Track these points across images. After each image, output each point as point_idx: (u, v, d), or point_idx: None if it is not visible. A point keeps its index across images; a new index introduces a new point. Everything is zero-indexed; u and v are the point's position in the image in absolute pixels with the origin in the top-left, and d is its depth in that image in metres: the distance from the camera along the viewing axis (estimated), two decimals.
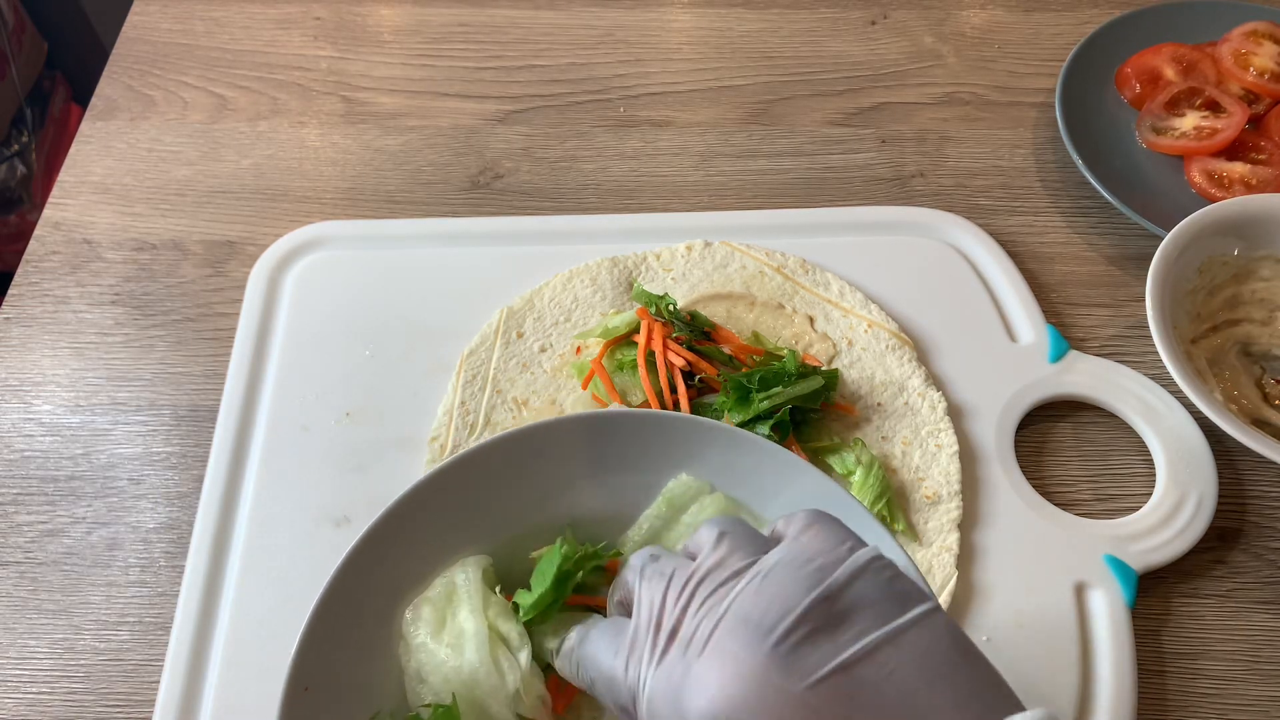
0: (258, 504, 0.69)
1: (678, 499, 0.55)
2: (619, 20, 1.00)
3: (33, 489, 0.72)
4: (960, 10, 1.01)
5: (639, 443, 0.55)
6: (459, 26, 0.99)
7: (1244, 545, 0.69)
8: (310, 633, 0.48)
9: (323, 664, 0.48)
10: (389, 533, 0.51)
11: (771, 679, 0.35)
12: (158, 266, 0.83)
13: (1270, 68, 0.87)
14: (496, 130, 0.92)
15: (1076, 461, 0.72)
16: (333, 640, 0.49)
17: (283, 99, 0.94)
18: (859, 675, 0.35)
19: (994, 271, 0.80)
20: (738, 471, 0.54)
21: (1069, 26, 0.99)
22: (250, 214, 0.86)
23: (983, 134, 0.92)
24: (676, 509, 0.55)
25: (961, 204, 0.86)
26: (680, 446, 0.54)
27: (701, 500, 0.55)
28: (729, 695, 0.35)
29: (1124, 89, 0.90)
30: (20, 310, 0.80)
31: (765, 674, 0.35)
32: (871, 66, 0.97)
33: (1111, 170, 0.84)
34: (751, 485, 0.54)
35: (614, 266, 0.79)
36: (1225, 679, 0.64)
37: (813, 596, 0.37)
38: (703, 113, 0.93)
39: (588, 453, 0.55)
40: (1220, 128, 0.84)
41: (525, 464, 0.54)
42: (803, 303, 0.77)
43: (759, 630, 0.36)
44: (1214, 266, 0.75)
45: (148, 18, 1.00)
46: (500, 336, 0.75)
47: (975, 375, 0.74)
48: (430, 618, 0.50)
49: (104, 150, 0.90)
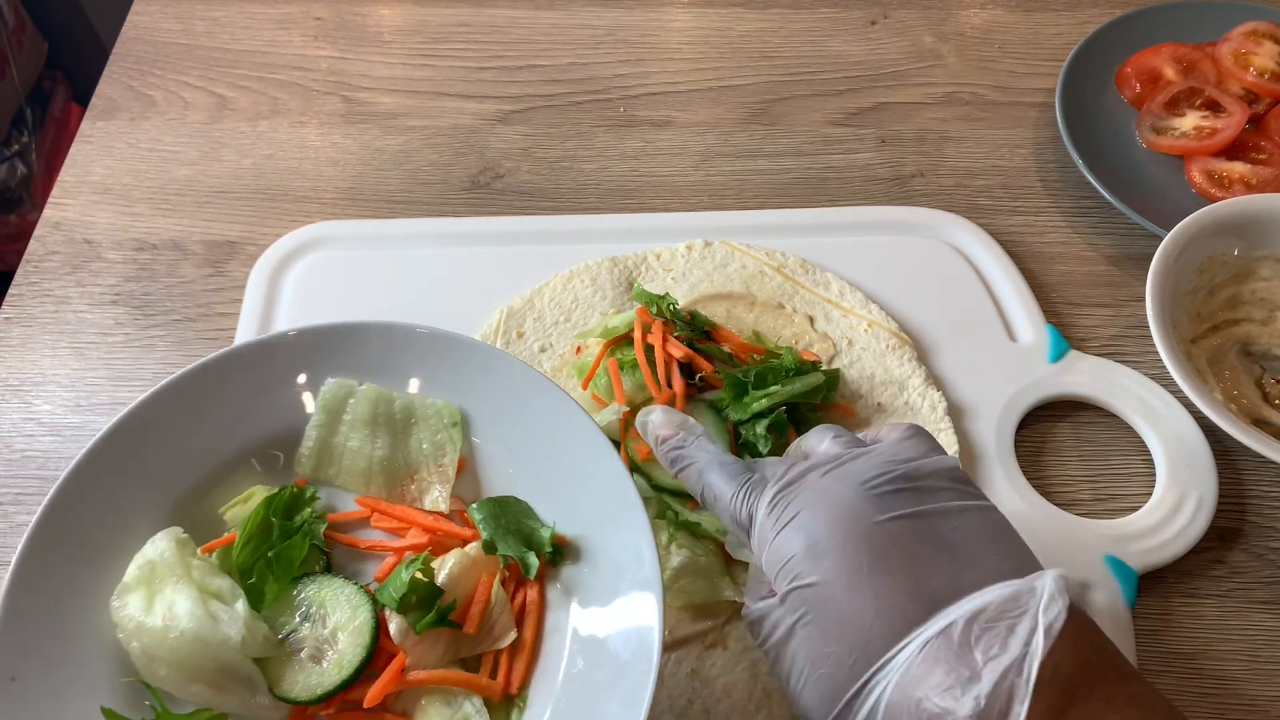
0: None
1: (331, 402, 0.60)
2: (619, 20, 1.00)
3: (33, 489, 0.72)
4: (960, 10, 1.01)
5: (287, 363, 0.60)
6: (459, 26, 0.99)
7: (1244, 545, 0.69)
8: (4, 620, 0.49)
9: (24, 650, 0.49)
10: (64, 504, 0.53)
11: (861, 507, 0.46)
12: (158, 266, 0.83)
13: (1270, 67, 0.87)
14: (497, 130, 0.92)
15: (1076, 461, 0.72)
16: (31, 626, 0.50)
17: (283, 99, 0.94)
18: (931, 522, 0.46)
19: (994, 271, 0.80)
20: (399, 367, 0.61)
21: (1069, 26, 0.99)
22: (250, 214, 0.86)
23: (983, 134, 0.92)
24: (334, 412, 0.60)
25: (961, 204, 0.86)
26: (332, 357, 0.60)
27: (356, 394, 0.60)
28: (829, 517, 0.47)
29: (1124, 89, 0.90)
30: (20, 310, 0.80)
31: (857, 504, 0.47)
32: (871, 66, 0.97)
33: (1111, 170, 0.84)
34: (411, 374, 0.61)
35: (614, 266, 0.79)
36: (1225, 679, 0.64)
37: (904, 469, 0.48)
38: (703, 113, 0.93)
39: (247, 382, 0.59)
40: (1220, 127, 0.84)
41: (191, 410, 0.58)
42: (803, 302, 0.77)
43: (858, 479, 0.48)
44: (1214, 266, 0.75)
45: (148, 18, 1.00)
46: (500, 336, 0.75)
47: (975, 375, 0.74)
48: (139, 599, 0.52)
49: (104, 150, 0.90)
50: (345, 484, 0.60)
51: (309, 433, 0.60)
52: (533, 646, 0.55)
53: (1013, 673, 0.41)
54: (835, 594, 0.45)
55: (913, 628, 0.43)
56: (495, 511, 0.57)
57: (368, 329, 0.60)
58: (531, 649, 0.55)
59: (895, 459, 0.49)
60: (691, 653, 0.62)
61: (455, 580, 0.54)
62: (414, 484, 0.60)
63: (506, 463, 0.60)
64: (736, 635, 0.63)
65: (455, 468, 0.60)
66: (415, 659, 0.53)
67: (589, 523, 0.56)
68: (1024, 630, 0.42)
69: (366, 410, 0.60)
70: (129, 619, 0.52)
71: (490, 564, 0.56)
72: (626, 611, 0.52)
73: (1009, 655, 0.41)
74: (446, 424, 0.60)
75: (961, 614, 0.43)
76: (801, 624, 0.46)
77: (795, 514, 0.48)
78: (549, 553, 0.56)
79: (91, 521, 0.54)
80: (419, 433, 0.60)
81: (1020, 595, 0.43)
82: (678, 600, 0.63)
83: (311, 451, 0.60)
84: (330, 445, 0.60)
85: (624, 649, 0.51)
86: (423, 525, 0.59)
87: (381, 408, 0.60)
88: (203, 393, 0.58)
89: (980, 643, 0.42)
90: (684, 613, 0.63)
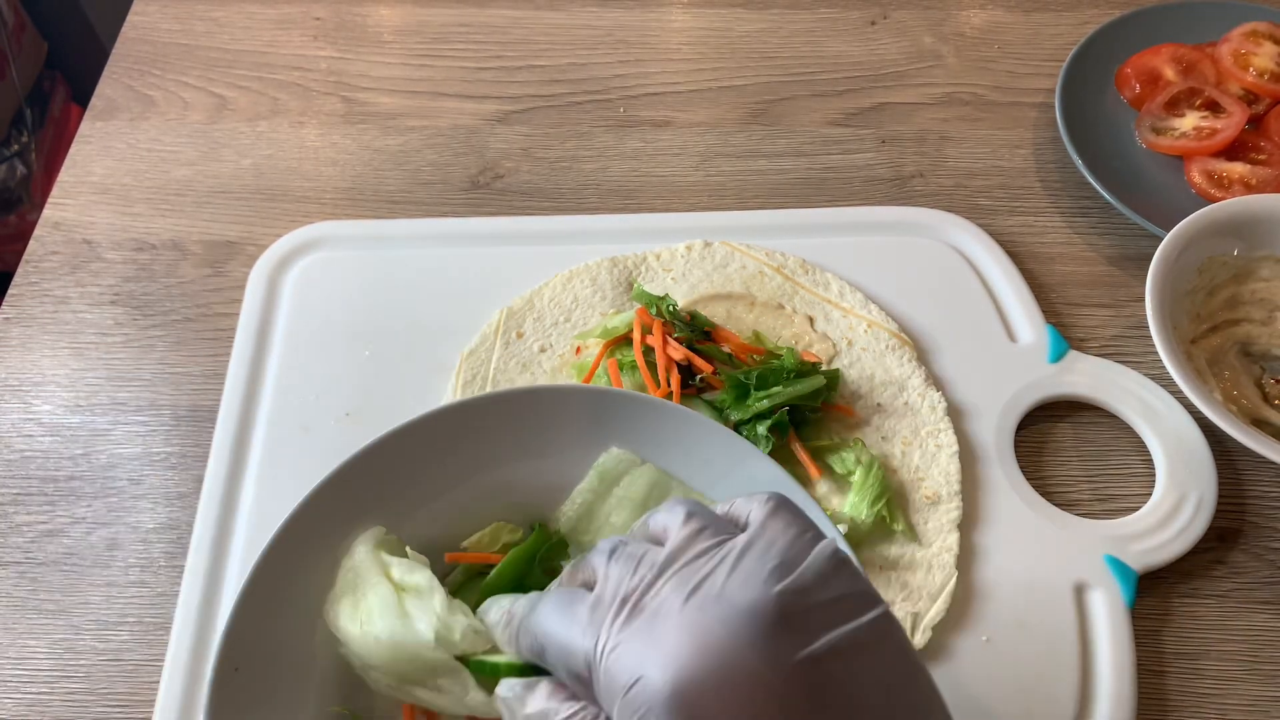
0: (257, 504, 0.69)
1: (609, 472, 0.56)
2: (619, 20, 1.00)
3: (33, 489, 0.72)
4: (960, 10, 1.01)
5: (568, 417, 0.56)
6: (459, 26, 0.99)
7: (1244, 545, 0.69)
8: (237, 614, 0.49)
9: (251, 646, 0.49)
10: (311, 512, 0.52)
11: (741, 657, 0.35)
12: (157, 267, 0.83)
13: (1270, 68, 0.87)
14: (496, 130, 0.92)
15: (1076, 461, 0.72)
16: (260, 624, 0.49)
17: (282, 99, 0.94)
18: (826, 669, 0.35)
19: (994, 272, 0.80)
20: (673, 447, 0.55)
21: (1069, 27, 0.99)
22: (250, 214, 0.86)
23: (982, 134, 0.92)
24: (608, 482, 0.56)
25: (961, 204, 0.86)
26: (611, 422, 0.56)
27: (633, 473, 0.56)
28: (697, 665, 0.35)
29: (1124, 89, 0.90)
30: (20, 310, 0.80)
31: (735, 650, 0.35)
32: (871, 67, 0.97)
33: (1111, 170, 0.84)
34: (690, 462, 0.55)
35: (614, 267, 0.79)
36: (1225, 679, 0.64)
37: (783, 585, 0.37)
38: (702, 113, 0.93)
39: (517, 427, 0.56)
40: (1220, 128, 0.84)
41: (455, 439, 0.55)
42: (803, 303, 0.77)
43: (731, 608, 0.36)
44: (1214, 266, 0.75)
45: (147, 18, 1.00)
46: (500, 337, 0.75)
47: (975, 375, 0.74)
48: (348, 607, 0.51)
49: (104, 150, 0.90)
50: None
51: (575, 496, 0.56)
52: None
53: None
54: None
55: None
56: None
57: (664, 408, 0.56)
58: None
59: (768, 559, 0.38)
60: None
61: None
62: None
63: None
64: None
65: None
66: None
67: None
68: None
69: (642, 491, 0.56)
70: (342, 629, 0.50)
71: None
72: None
73: None
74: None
75: None
76: None
77: (648, 656, 0.36)
78: None
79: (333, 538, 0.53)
80: None
81: None
82: None
83: (573, 516, 0.57)
84: (595, 513, 0.56)
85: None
86: None
87: (657, 492, 0.56)
88: (475, 426, 0.55)
89: None
90: None
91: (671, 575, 0.38)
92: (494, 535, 0.56)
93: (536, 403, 0.55)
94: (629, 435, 0.56)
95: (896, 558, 0.66)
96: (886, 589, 0.65)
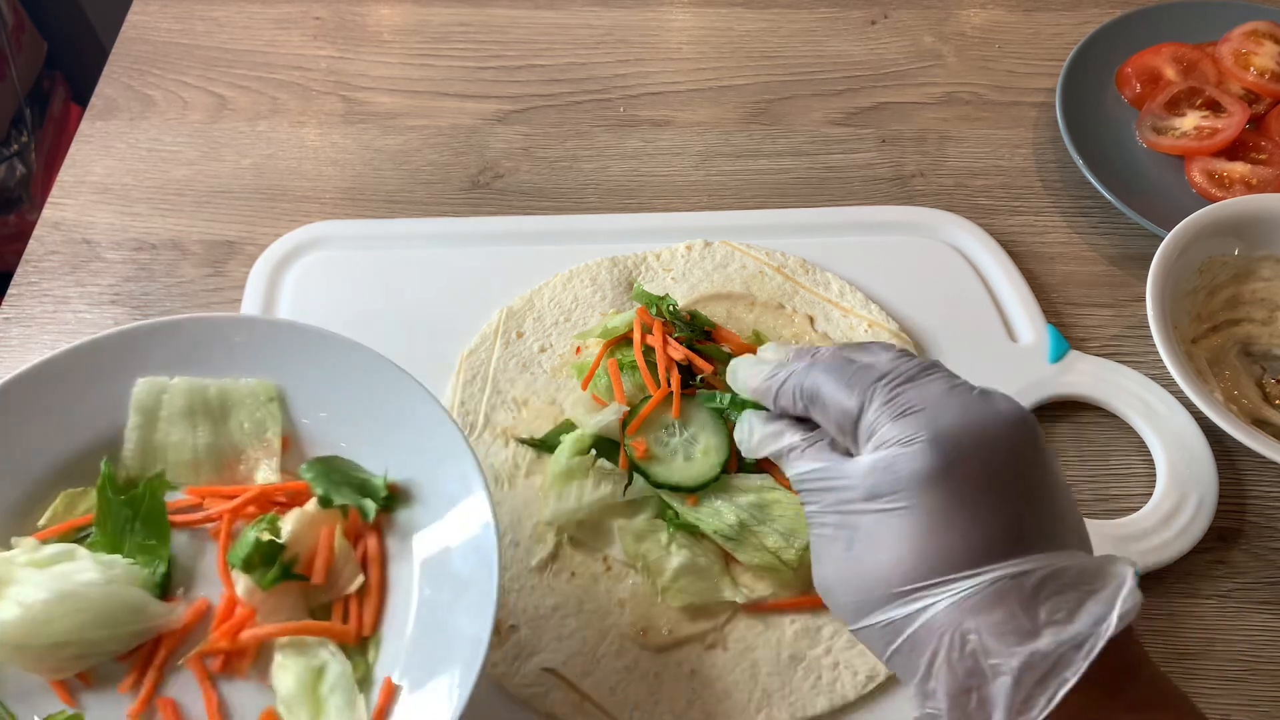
0: None
1: (144, 402, 0.60)
2: (619, 20, 1.00)
3: None
4: (960, 10, 1.01)
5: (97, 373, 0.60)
6: (459, 26, 0.99)
7: (1244, 545, 0.69)
8: None
9: None
10: None
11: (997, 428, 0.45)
12: (157, 266, 0.83)
13: (1270, 67, 0.87)
14: (496, 130, 0.92)
15: (1076, 461, 0.72)
16: None
17: (282, 99, 0.94)
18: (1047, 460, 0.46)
19: (994, 271, 0.80)
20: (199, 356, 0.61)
21: (1069, 26, 0.99)
22: (250, 214, 0.86)
23: (983, 134, 0.91)
24: (150, 411, 0.60)
25: (962, 204, 0.86)
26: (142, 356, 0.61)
27: (169, 392, 0.60)
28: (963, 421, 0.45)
29: (1124, 89, 0.90)
30: (20, 310, 0.80)
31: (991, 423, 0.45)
32: (872, 66, 0.97)
33: (1112, 170, 0.84)
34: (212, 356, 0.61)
35: (614, 266, 0.79)
36: (1225, 679, 0.64)
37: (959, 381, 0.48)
38: (703, 112, 0.93)
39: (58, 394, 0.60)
40: (1220, 128, 0.84)
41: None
42: (803, 303, 0.77)
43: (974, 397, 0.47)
44: (1214, 266, 0.75)
45: (147, 17, 1.00)
46: (500, 336, 0.75)
47: (975, 375, 0.73)
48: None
49: (103, 150, 0.90)
50: (175, 478, 0.60)
51: (128, 435, 0.60)
52: (379, 587, 0.57)
53: (1069, 645, 0.40)
54: (938, 494, 0.43)
55: (992, 560, 0.42)
56: (324, 469, 0.58)
57: (175, 325, 0.61)
58: (379, 590, 0.57)
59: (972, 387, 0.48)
60: (691, 653, 0.62)
61: (297, 536, 0.55)
62: (242, 465, 0.61)
63: (329, 431, 0.61)
64: (736, 636, 0.63)
65: (280, 441, 0.61)
66: (265, 614, 0.55)
67: (418, 465, 0.58)
68: (1095, 609, 0.41)
69: (182, 403, 0.60)
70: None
71: (330, 518, 0.57)
72: (461, 526, 0.55)
73: (1074, 628, 0.40)
74: (263, 401, 0.61)
75: (1041, 568, 0.42)
76: (887, 505, 0.44)
77: (922, 408, 0.46)
78: (384, 498, 0.57)
79: None
80: (238, 415, 0.61)
81: (1099, 572, 0.42)
82: (677, 600, 0.63)
83: (134, 453, 0.60)
84: (152, 443, 0.60)
85: (464, 563, 0.54)
86: (254, 495, 0.59)
87: (197, 398, 0.61)
88: (10, 410, 0.59)
89: (1047, 603, 0.41)
90: (683, 613, 0.63)
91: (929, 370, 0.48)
92: (67, 503, 0.59)
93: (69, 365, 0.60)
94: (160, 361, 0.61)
95: None
96: None
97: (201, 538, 0.59)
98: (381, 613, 0.56)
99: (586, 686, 0.61)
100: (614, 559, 0.65)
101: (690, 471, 0.64)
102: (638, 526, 0.65)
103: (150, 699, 0.53)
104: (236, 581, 0.55)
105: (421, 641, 0.54)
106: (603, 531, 0.66)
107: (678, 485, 0.64)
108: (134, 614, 0.53)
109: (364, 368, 0.60)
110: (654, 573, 0.63)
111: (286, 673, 0.53)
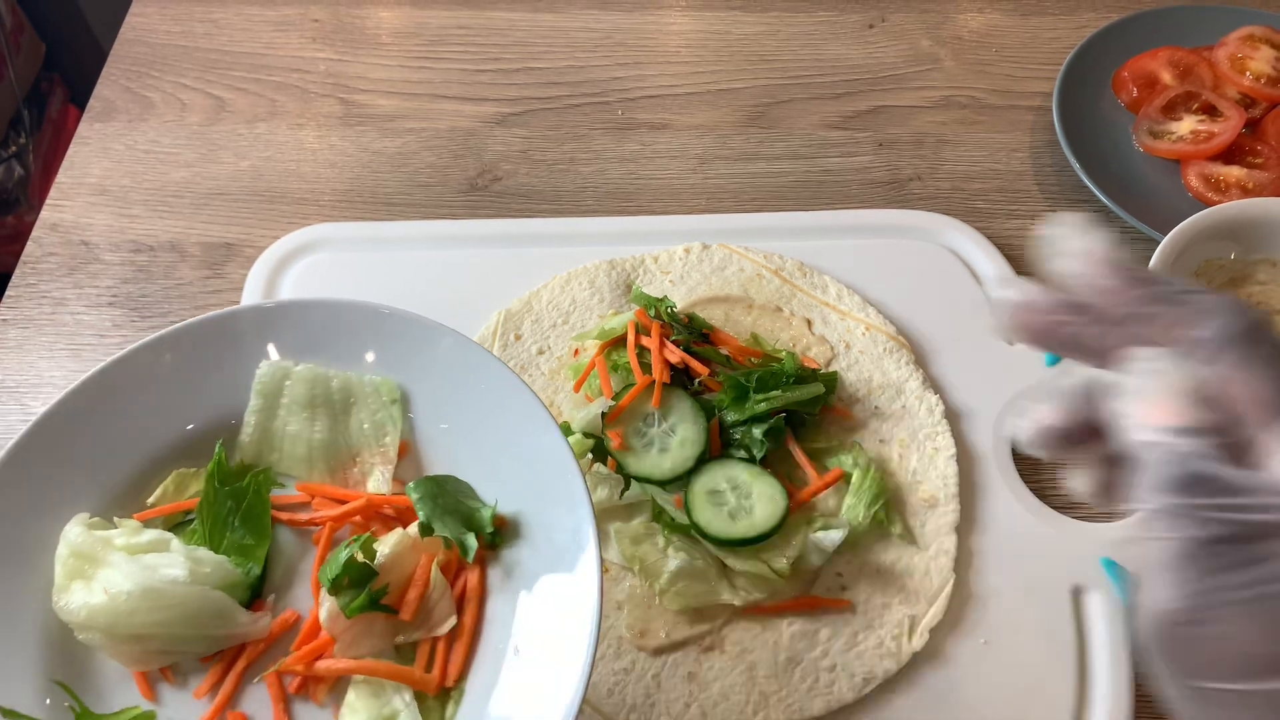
0: None
1: (267, 386, 0.58)
2: (617, 23, 1.00)
3: None
4: (958, 14, 1.01)
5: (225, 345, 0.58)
6: (457, 29, 1.00)
7: None
8: None
9: None
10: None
11: None
12: (155, 268, 0.83)
13: (1266, 72, 0.87)
14: (494, 133, 0.92)
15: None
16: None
17: (281, 101, 0.94)
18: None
19: (991, 274, 0.80)
20: (327, 341, 0.58)
21: (1066, 30, 1.00)
22: (248, 216, 0.86)
23: (980, 137, 0.92)
24: (271, 396, 0.58)
25: (959, 207, 0.86)
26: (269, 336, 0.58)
27: (291, 378, 0.58)
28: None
29: (1121, 93, 0.91)
30: (17, 312, 0.80)
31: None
32: (869, 70, 0.97)
33: (1108, 174, 0.84)
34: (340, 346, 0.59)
35: (612, 269, 0.79)
36: None
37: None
38: (701, 115, 0.93)
39: (184, 367, 0.58)
40: (1217, 131, 0.84)
41: (121, 399, 0.56)
42: (801, 305, 0.77)
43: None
44: (1210, 270, 0.76)
45: (146, 19, 1.00)
46: (498, 339, 0.75)
47: (973, 378, 0.74)
48: (80, 590, 0.51)
49: (102, 152, 0.90)
50: (289, 470, 0.58)
51: (248, 419, 0.58)
52: (471, 632, 0.52)
53: None
54: None
55: None
56: (433, 491, 0.54)
57: (306, 305, 0.59)
58: (470, 636, 0.52)
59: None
60: (689, 656, 0.62)
61: (392, 562, 0.52)
62: (356, 467, 0.58)
63: (448, 441, 0.58)
64: (734, 639, 0.63)
65: (397, 448, 0.58)
66: (348, 643, 0.51)
67: (530, 503, 0.54)
68: None
69: (304, 392, 0.57)
70: (77, 612, 0.50)
71: (431, 546, 0.53)
72: (567, 584, 0.50)
73: None
74: (385, 402, 0.58)
75: None
76: None
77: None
78: (489, 534, 0.53)
79: (16, 521, 0.53)
80: (359, 413, 0.58)
81: None
82: (675, 603, 0.63)
83: (251, 438, 0.58)
84: (270, 430, 0.58)
85: (562, 628, 0.48)
86: (360, 505, 0.56)
87: (319, 389, 0.58)
88: (134, 380, 0.56)
89: None
90: (681, 616, 0.63)
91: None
92: (178, 483, 0.57)
93: (199, 338, 0.58)
94: (289, 343, 0.58)
95: (894, 561, 0.66)
96: (884, 592, 0.65)
97: (305, 539, 0.56)
98: (469, 662, 0.51)
99: None
100: (611, 562, 0.65)
101: (662, 465, 0.64)
102: (634, 529, 0.65)
103: (223, 709, 0.51)
104: (323, 603, 0.51)
105: (502, 705, 0.48)
106: (600, 534, 0.66)
107: (648, 478, 0.64)
108: (218, 618, 0.51)
109: (492, 383, 0.55)
110: (651, 575, 0.63)
111: (355, 715, 0.50)
